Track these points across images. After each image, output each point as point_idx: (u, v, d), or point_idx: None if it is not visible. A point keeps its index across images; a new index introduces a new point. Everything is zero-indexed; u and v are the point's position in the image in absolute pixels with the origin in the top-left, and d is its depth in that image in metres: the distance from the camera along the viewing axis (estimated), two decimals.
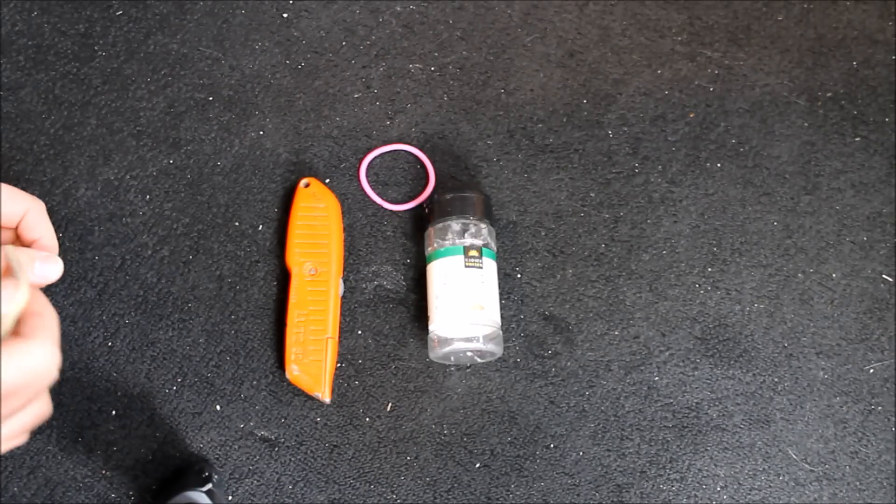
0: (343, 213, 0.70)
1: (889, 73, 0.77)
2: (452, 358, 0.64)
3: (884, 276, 0.70)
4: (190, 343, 0.65)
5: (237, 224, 0.69)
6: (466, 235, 0.64)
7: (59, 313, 0.54)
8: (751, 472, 0.65)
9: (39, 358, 0.38)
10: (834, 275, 0.70)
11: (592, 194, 0.72)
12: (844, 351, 0.68)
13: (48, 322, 0.40)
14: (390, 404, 0.65)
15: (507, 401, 0.66)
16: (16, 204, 0.54)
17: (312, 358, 0.63)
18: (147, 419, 0.63)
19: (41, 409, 0.41)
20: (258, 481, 0.63)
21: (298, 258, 0.65)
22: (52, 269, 0.49)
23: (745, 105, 0.75)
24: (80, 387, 0.64)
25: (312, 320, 0.64)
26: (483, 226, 0.65)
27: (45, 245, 0.57)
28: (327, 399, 0.63)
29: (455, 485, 0.64)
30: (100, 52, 0.73)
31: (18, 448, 0.62)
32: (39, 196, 0.68)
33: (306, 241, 0.66)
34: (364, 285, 0.68)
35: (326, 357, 0.63)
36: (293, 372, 0.63)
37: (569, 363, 0.67)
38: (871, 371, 0.68)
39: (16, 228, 0.56)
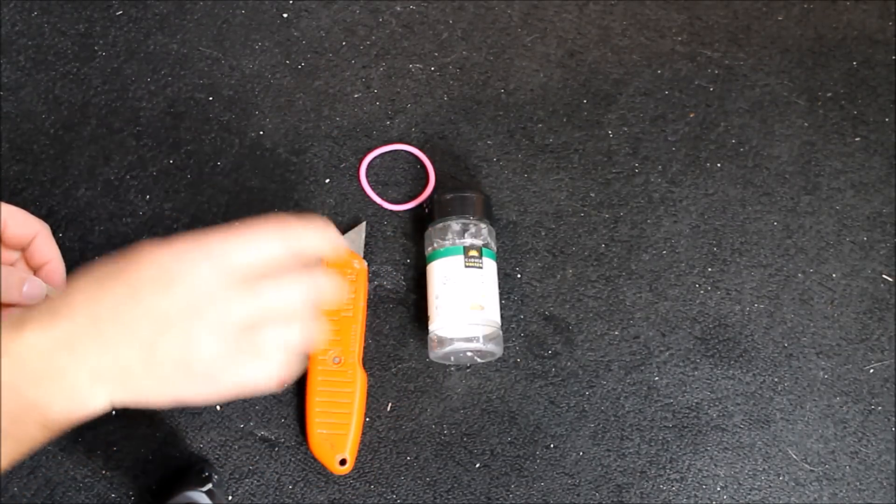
0: (343, 213, 0.70)
1: (889, 73, 0.77)
2: (452, 358, 0.64)
3: (884, 276, 0.70)
4: None
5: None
6: (466, 235, 0.64)
7: None
8: (751, 472, 0.65)
9: None
10: (834, 275, 0.70)
11: (592, 194, 0.72)
12: (844, 351, 0.68)
13: None
14: (390, 404, 0.65)
15: (507, 401, 0.66)
16: (27, 227, 0.55)
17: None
18: (147, 419, 0.63)
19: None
20: (258, 481, 0.63)
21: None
22: (38, 290, 0.51)
23: (745, 105, 0.75)
24: None
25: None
26: (483, 226, 0.65)
27: (55, 268, 0.58)
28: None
29: (455, 485, 0.63)
30: (100, 52, 0.73)
31: None
32: (39, 196, 0.68)
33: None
34: None
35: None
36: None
37: (569, 363, 0.67)
38: (871, 371, 0.68)
39: (23, 250, 0.56)
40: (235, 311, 0.38)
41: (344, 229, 0.69)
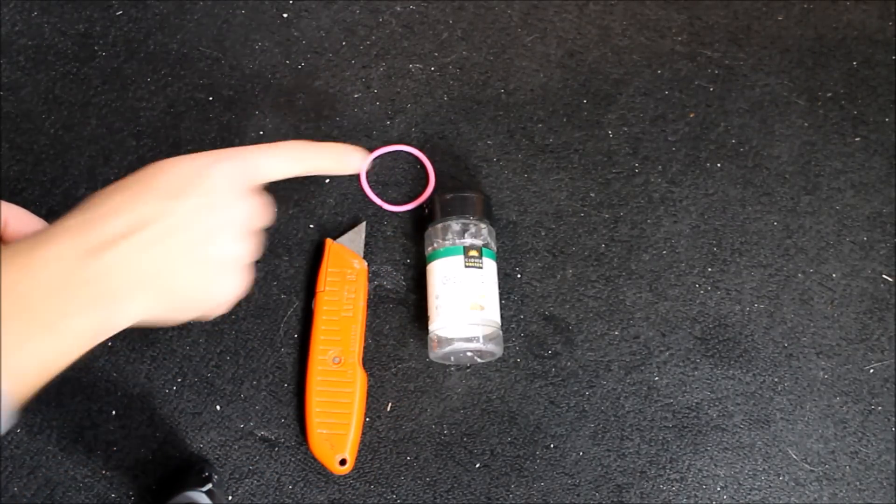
0: (343, 213, 0.70)
1: (889, 73, 0.77)
2: (452, 358, 0.64)
3: (884, 276, 0.70)
4: (190, 343, 0.65)
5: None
6: (466, 235, 0.64)
7: None
8: (751, 472, 0.65)
9: None
10: (834, 275, 0.70)
11: (592, 194, 0.72)
12: (844, 351, 0.68)
13: None
14: (390, 404, 0.65)
15: (507, 401, 0.66)
16: (28, 226, 0.54)
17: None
18: (147, 419, 0.63)
19: None
20: (258, 481, 0.63)
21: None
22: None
23: (745, 105, 0.75)
24: (80, 387, 0.64)
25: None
26: (483, 226, 0.65)
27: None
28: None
29: (455, 485, 0.63)
30: (100, 52, 0.73)
31: (18, 448, 0.62)
32: (39, 196, 0.68)
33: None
34: None
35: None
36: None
37: (569, 363, 0.67)
38: (871, 371, 0.68)
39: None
40: (251, 221, 0.40)
41: (344, 229, 0.69)
